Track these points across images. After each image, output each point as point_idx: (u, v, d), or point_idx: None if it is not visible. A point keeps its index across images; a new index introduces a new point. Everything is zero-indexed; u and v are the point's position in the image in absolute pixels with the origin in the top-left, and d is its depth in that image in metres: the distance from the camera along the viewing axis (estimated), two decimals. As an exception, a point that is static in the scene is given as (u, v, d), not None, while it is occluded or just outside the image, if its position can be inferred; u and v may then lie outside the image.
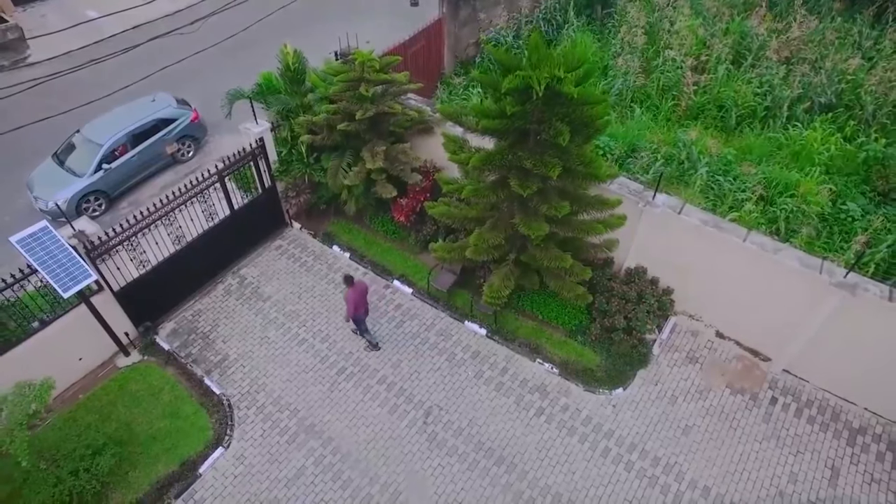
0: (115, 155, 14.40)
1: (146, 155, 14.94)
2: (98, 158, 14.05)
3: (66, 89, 14.74)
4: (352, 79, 10.99)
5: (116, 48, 14.77)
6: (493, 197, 8.69)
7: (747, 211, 12.34)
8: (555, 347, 11.43)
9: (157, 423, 10.55)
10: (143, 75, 13.65)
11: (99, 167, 14.09)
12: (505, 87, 7.54)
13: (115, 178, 14.48)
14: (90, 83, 13.17)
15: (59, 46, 18.76)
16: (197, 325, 12.05)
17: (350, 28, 19.05)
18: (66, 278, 9.63)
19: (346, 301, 10.62)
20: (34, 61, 18.48)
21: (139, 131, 14.71)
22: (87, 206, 14.17)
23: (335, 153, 12.37)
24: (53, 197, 13.65)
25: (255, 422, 10.55)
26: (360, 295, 10.68)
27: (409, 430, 10.40)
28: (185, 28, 11.57)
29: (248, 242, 13.25)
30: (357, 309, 10.76)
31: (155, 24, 14.43)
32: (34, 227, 9.57)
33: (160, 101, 15.32)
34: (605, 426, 10.37)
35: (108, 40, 18.30)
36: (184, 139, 15.65)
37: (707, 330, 11.56)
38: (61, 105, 13.23)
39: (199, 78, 17.43)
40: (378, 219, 13.34)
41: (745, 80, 15.55)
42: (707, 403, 10.55)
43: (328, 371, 11.22)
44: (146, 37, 15.19)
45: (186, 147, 15.84)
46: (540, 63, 7.99)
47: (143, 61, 15.00)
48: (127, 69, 13.95)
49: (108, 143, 14.19)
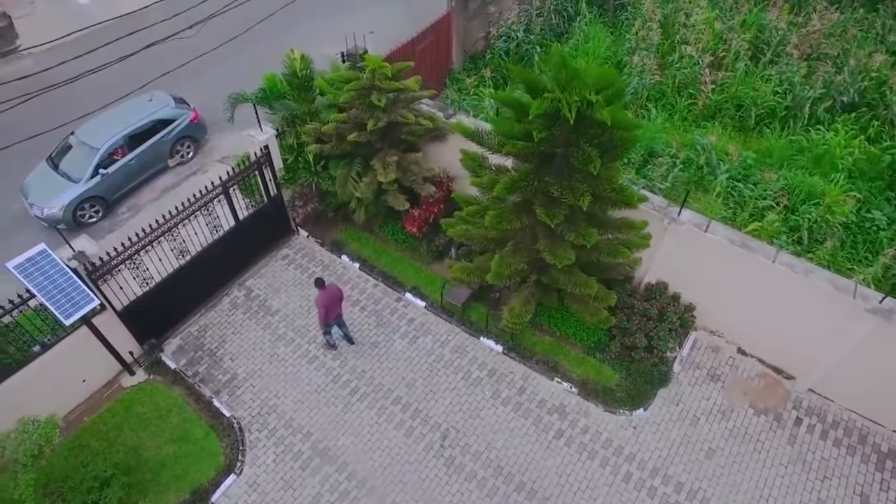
0: (112, 158, 13.81)
1: (145, 157, 14.32)
2: (94, 163, 13.45)
3: (63, 92, 14.05)
4: (362, 87, 10.43)
5: (109, 37, 14.15)
6: (516, 223, 8.27)
7: (770, 221, 11.98)
8: (573, 365, 11.13)
9: (166, 447, 10.24)
10: (140, 76, 12.95)
11: (95, 172, 13.50)
12: (534, 112, 7.06)
13: (113, 182, 13.90)
14: (87, 88, 12.44)
15: (50, 34, 17.94)
16: (203, 341, 11.66)
17: (351, 19, 18.42)
18: (68, 304, 9.21)
19: (317, 306, 10.29)
20: (25, 50, 17.65)
21: (137, 133, 14.08)
22: (84, 213, 13.64)
23: (343, 161, 11.85)
24: (49, 204, 13.13)
25: (268, 446, 10.25)
26: (331, 300, 10.36)
27: (427, 454, 10.13)
28: (185, 32, 10.90)
29: (254, 252, 12.80)
30: (329, 314, 10.45)
31: (146, 13, 13.76)
32: (32, 251, 9.10)
33: (157, 100, 14.63)
34: (627, 449, 10.14)
35: (102, 32, 17.55)
36: (183, 140, 15.02)
37: (728, 346, 11.28)
38: (59, 105, 12.59)
39: (195, 75, 16.66)
40: (388, 227, 12.87)
41: (764, 77, 15.05)
42: (730, 424, 10.31)
43: (341, 391, 10.90)
44: (139, 24, 14.49)
45: (186, 148, 15.21)
46: (569, 83, 7.50)
47: (143, 63, 14.19)
48: (123, 71, 13.18)
49: (105, 146, 13.58)
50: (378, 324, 11.79)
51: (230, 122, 13.32)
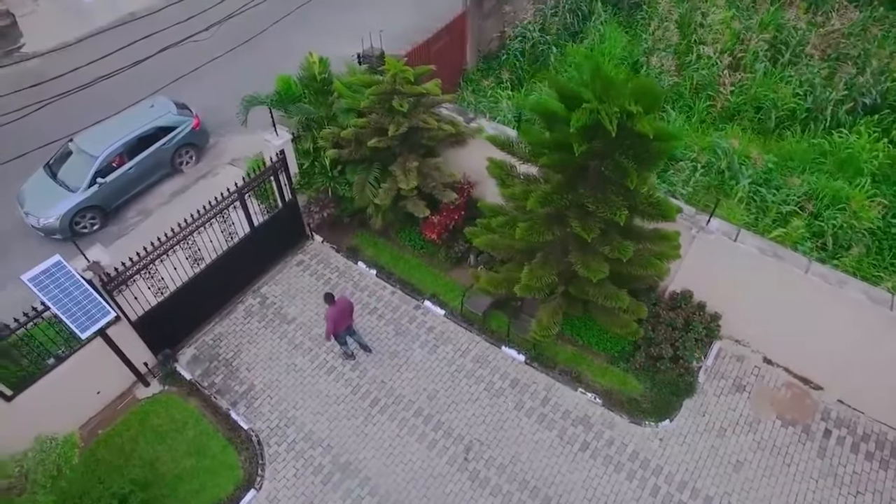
0: (111, 166, 13.33)
1: (144, 165, 13.84)
2: (92, 172, 12.95)
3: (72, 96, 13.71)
4: (383, 91, 10.15)
5: (116, 38, 13.77)
6: (548, 235, 8.03)
7: (795, 227, 11.77)
8: (596, 375, 10.94)
9: (183, 461, 10.02)
10: (152, 80, 12.60)
11: (93, 181, 13.00)
12: (574, 125, 6.80)
13: (111, 191, 13.41)
14: (98, 92, 12.03)
15: (55, 34, 17.62)
16: (218, 350, 11.42)
17: (359, 17, 18.09)
18: (83, 317, 8.97)
19: (326, 320, 10.13)
20: (29, 51, 17.31)
21: (136, 141, 13.60)
22: (81, 223, 13.16)
23: (361, 166, 11.58)
24: (45, 214, 12.70)
25: (287, 460, 10.04)
26: (340, 313, 10.21)
27: (450, 467, 9.94)
28: (200, 35, 10.60)
29: (269, 258, 12.54)
30: (337, 327, 10.29)
31: (150, 11, 13.45)
32: (47, 262, 8.84)
33: (159, 106, 14.14)
34: (653, 462, 9.96)
35: (113, 34, 17.22)
36: (185, 147, 14.57)
37: (753, 356, 11.09)
38: (66, 109, 12.21)
39: (201, 76, 16.34)
40: (405, 232, 12.62)
41: (783, 78, 14.80)
42: (758, 436, 10.14)
43: (361, 402, 10.68)
44: (151, 27, 14.07)
45: (188, 156, 14.77)
46: (605, 92, 7.26)
47: (153, 66, 13.83)
48: (134, 74, 12.75)
49: (103, 155, 13.08)
50: (397, 332, 11.56)
51: (244, 125, 13.02)
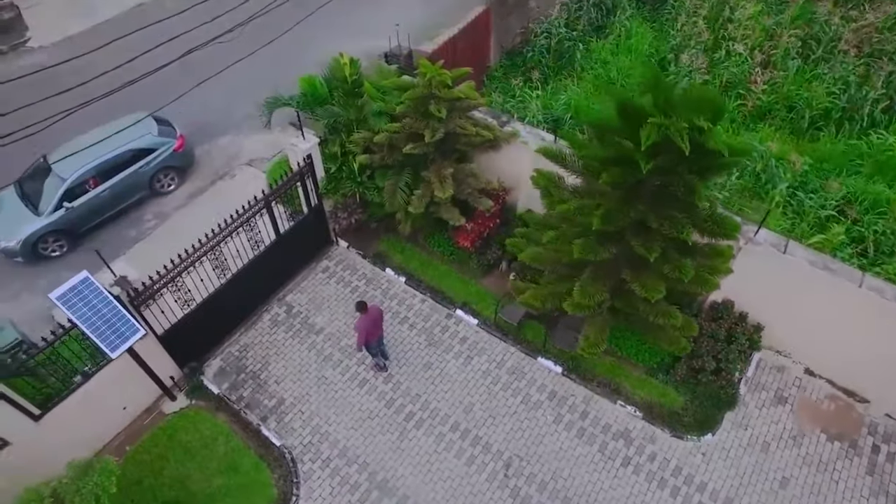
0: (83, 188, 12.26)
1: (119, 189, 12.68)
2: (58, 196, 11.93)
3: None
4: (419, 96, 9.74)
5: (128, 31, 13.14)
6: (604, 253, 7.70)
7: (835, 233, 11.48)
8: (635, 386, 10.68)
9: (215, 479, 9.73)
10: (175, 84, 11.86)
11: (60, 205, 11.96)
12: (645, 142, 6.44)
13: (80, 215, 12.33)
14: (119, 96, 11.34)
15: (61, 27, 17.02)
16: (245, 362, 11.09)
17: (373, 11, 17.51)
18: (113, 335, 8.61)
19: (357, 330, 9.78)
20: (36, 45, 16.71)
21: (111, 164, 12.45)
22: (46, 247, 12.17)
23: (391, 170, 11.19)
24: (5, 236, 11.85)
25: (322, 477, 9.76)
26: (372, 322, 9.88)
27: (490, 484, 9.69)
28: (224, 36, 10.10)
29: (293, 265, 12.17)
30: (369, 337, 9.96)
31: (160, 6, 12.86)
32: (74, 279, 8.45)
33: (139, 124, 12.74)
34: (697, 478, 9.74)
35: (117, 25, 16.61)
36: (166, 170, 13.37)
37: (795, 366, 10.85)
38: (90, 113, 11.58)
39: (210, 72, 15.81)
40: (434, 238, 12.24)
41: (817, 75, 14.44)
42: (802, 451, 9.93)
43: (395, 416, 10.39)
44: (151, 19, 13.32)
45: (169, 179, 13.54)
46: (670, 106, 6.90)
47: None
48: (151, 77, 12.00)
49: (72, 178, 12.01)
50: (429, 343, 11.26)
51: (267, 126, 12.61)
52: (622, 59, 15.35)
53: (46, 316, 11.66)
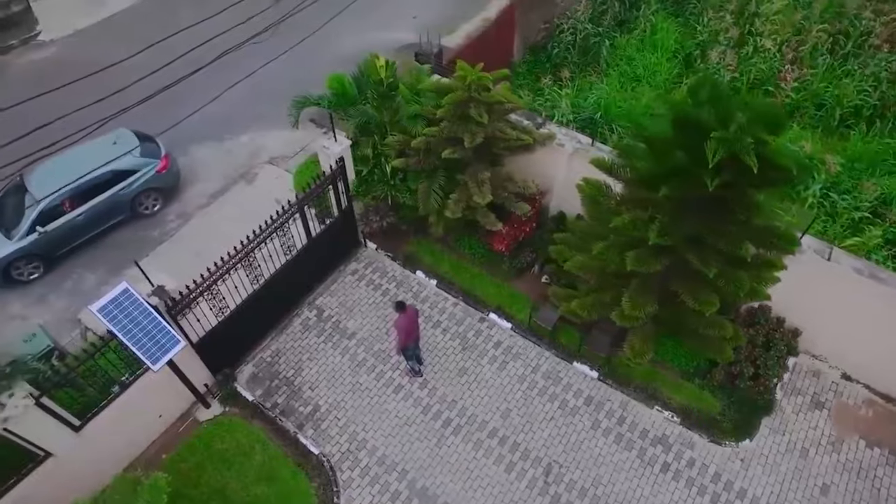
0: (60, 210, 11.69)
1: (96, 212, 12.08)
2: (31, 219, 11.37)
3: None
4: (459, 100, 9.53)
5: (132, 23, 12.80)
6: (656, 266, 7.59)
7: (872, 236, 11.39)
8: (671, 391, 10.64)
9: (254, 488, 9.66)
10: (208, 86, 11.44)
11: (32, 228, 11.38)
12: (712, 158, 6.30)
13: (54, 239, 11.73)
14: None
15: (71, 21, 16.63)
16: (278, 368, 10.98)
17: (392, 3, 17.19)
18: (154, 348, 8.47)
19: (397, 330, 9.69)
20: (46, 38, 16.33)
21: (89, 186, 11.85)
22: (19, 271, 11.60)
23: (424, 173, 11.00)
24: None
25: (362, 486, 9.71)
26: (412, 322, 9.80)
27: (531, 491, 9.66)
28: (260, 36, 9.86)
29: (323, 268, 12.02)
30: (409, 337, 9.88)
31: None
32: (114, 291, 8.29)
33: (122, 144, 12.25)
34: (737, 484, 9.74)
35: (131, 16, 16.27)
36: (148, 192, 12.67)
37: (831, 371, 10.83)
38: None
39: (228, 67, 15.54)
40: (465, 240, 12.10)
41: (847, 71, 14.26)
42: (842, 457, 9.93)
43: (432, 423, 10.33)
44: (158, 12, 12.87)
45: (152, 201, 12.86)
46: (730, 118, 6.75)
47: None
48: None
49: (46, 201, 11.44)
50: (463, 347, 11.17)
51: (295, 126, 12.38)
52: (647, 56, 15.12)
53: (72, 318, 11.56)
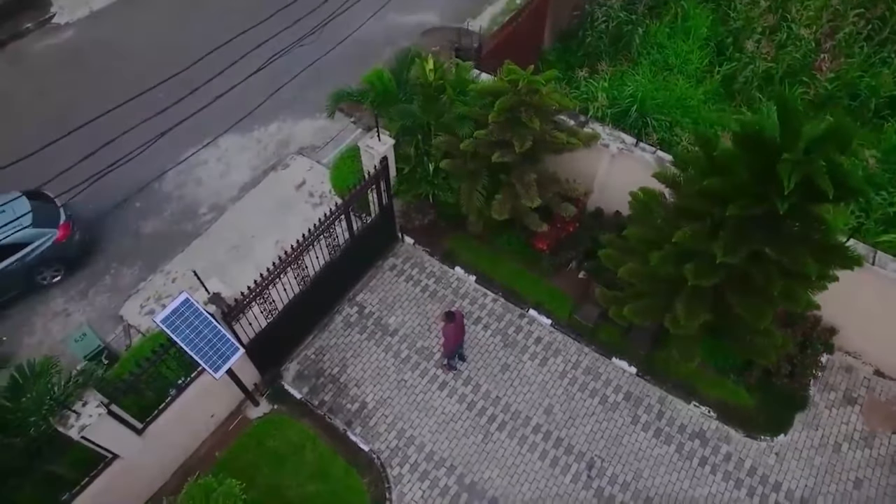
0: None
1: None
2: None
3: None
4: (510, 104, 9.46)
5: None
6: (714, 278, 7.73)
7: (907, 234, 11.52)
8: (708, 387, 10.93)
9: (308, 486, 9.95)
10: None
11: None
12: (788, 184, 6.36)
13: None
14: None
15: (86, 2, 16.21)
16: (323, 365, 11.17)
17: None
18: (215, 356, 8.61)
19: (445, 337, 9.96)
20: (62, 21, 15.95)
21: None
22: None
23: (467, 172, 10.98)
24: None
25: (412, 482, 10.02)
26: (461, 329, 10.09)
27: (575, 485, 10.02)
28: (308, 38, 9.68)
29: (363, 264, 12.10)
30: (456, 343, 10.17)
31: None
32: (176, 301, 8.35)
33: (12, 210, 11.00)
34: (772, 478, 10.12)
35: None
36: (49, 262, 11.57)
37: (864, 367, 11.12)
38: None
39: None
40: (504, 236, 12.16)
41: (883, 60, 14.13)
42: (875, 452, 10.30)
43: (477, 419, 10.61)
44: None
45: (52, 271, 11.77)
46: (799, 136, 6.79)
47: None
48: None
49: None
50: (505, 344, 11.37)
51: (331, 118, 12.27)
52: (679, 43, 14.93)
53: (114, 315, 11.69)
